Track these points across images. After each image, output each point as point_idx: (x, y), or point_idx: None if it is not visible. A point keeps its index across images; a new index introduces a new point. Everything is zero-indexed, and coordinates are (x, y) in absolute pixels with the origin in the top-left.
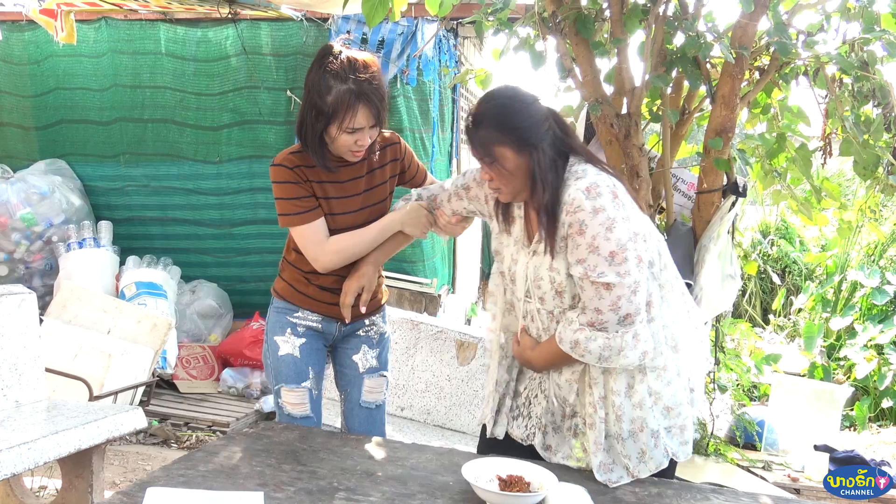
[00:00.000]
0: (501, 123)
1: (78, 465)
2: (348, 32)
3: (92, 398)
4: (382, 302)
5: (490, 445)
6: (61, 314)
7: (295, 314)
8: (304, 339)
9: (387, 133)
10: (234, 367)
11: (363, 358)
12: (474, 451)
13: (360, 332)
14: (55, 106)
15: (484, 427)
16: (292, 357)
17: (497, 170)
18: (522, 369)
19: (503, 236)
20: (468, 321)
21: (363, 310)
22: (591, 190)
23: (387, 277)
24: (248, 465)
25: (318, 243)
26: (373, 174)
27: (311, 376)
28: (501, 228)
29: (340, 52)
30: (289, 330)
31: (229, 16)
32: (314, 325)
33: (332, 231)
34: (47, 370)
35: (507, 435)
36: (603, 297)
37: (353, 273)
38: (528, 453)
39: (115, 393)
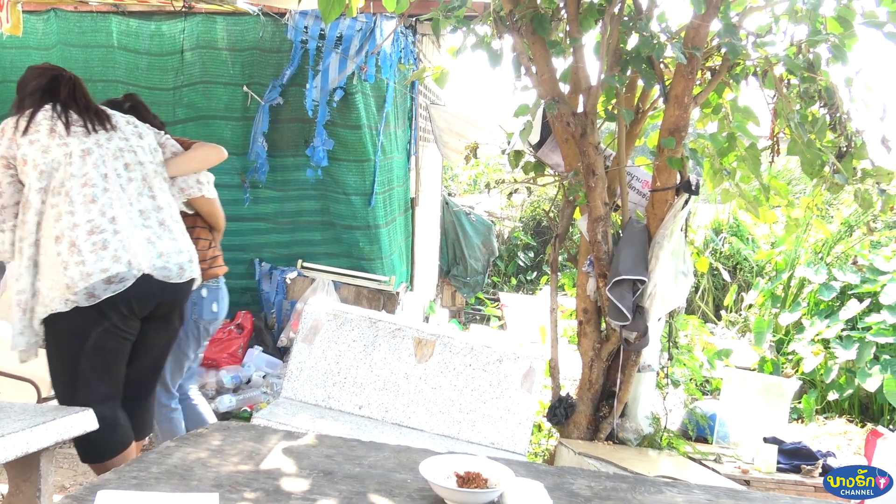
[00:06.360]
0: None
1: (25, 469)
2: (305, 28)
3: (40, 400)
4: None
5: None
6: (7, 314)
7: None
8: None
9: None
10: None
11: None
12: (432, 448)
13: None
14: (2, 99)
15: None
16: None
17: None
18: None
19: None
20: (426, 319)
21: None
22: None
23: (345, 275)
24: (202, 466)
25: None
26: None
27: None
28: None
29: None
30: None
31: (183, 9)
32: None
33: None
34: None
35: None
36: None
37: None
38: None
39: None
